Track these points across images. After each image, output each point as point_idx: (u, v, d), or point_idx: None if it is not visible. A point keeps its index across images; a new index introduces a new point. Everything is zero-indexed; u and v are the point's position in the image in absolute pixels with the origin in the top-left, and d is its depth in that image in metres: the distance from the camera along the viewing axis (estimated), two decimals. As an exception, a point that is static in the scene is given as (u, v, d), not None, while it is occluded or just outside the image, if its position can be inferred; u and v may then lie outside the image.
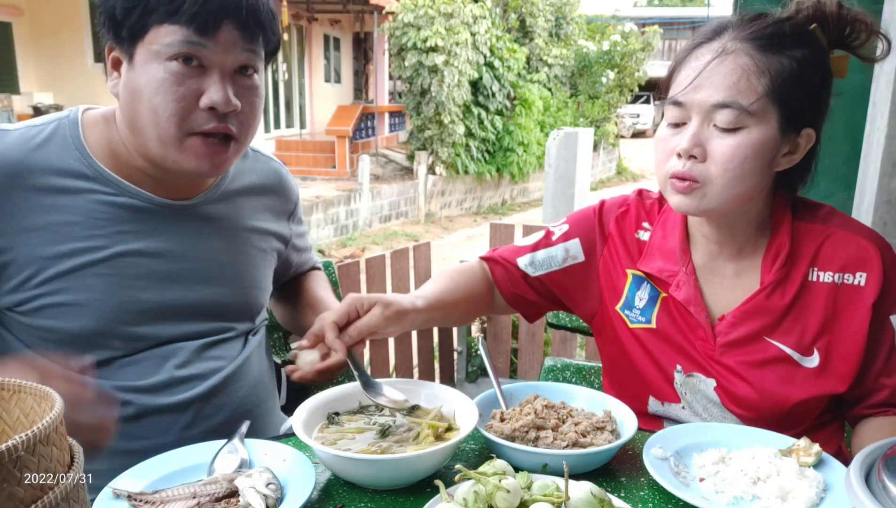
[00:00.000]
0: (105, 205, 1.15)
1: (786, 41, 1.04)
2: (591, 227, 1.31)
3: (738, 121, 1.03)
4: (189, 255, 1.22)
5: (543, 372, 1.76)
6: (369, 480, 0.98)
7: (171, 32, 1.05)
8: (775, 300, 1.13)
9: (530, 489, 0.86)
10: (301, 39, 15.02)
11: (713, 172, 1.05)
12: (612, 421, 1.08)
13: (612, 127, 16.97)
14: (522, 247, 1.35)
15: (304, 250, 1.55)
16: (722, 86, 1.03)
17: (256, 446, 1.03)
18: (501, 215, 13.26)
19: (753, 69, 1.02)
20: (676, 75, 1.10)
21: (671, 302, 1.21)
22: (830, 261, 1.12)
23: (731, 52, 1.03)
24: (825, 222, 1.15)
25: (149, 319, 1.18)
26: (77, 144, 1.16)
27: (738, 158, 1.04)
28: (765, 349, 1.14)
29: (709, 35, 1.08)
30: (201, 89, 1.08)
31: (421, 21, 11.76)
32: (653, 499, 0.97)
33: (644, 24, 21.30)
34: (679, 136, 1.07)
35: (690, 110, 1.06)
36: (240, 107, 1.12)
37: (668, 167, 1.09)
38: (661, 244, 1.24)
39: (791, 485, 0.94)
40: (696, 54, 1.07)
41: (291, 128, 15.01)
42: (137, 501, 0.89)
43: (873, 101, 1.97)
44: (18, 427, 0.76)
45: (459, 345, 3.92)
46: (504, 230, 3.79)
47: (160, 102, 1.07)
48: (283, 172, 1.44)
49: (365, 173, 11.14)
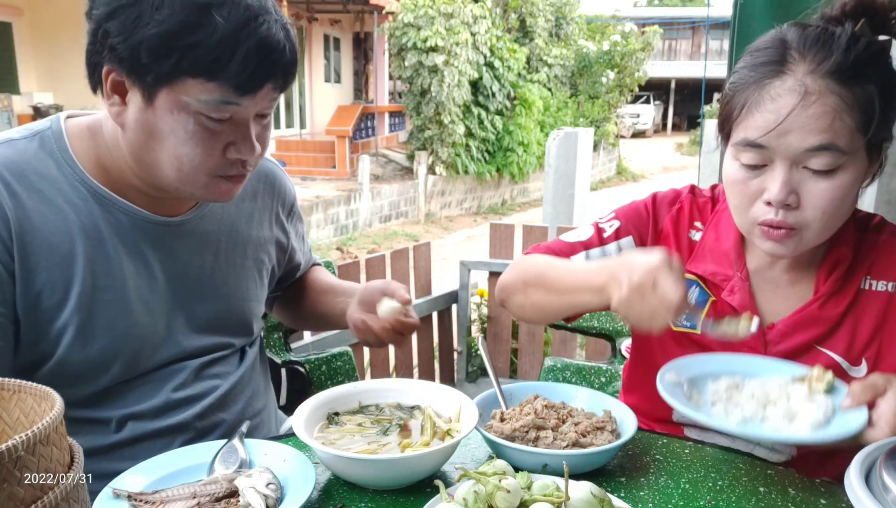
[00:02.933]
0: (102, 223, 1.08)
1: (868, 68, 0.97)
2: (644, 223, 1.25)
3: (835, 163, 0.97)
4: (186, 273, 1.18)
5: (543, 372, 1.76)
6: (369, 480, 0.98)
7: (208, 90, 0.98)
8: (829, 310, 1.11)
9: (530, 489, 0.86)
10: (301, 39, 15.01)
11: (810, 217, 1.00)
12: (612, 421, 1.08)
13: (612, 127, 16.98)
14: (574, 244, 1.25)
15: (306, 250, 1.53)
16: (815, 129, 0.96)
17: (256, 446, 1.03)
18: (501, 215, 13.27)
19: (844, 108, 0.96)
20: (747, 113, 1.01)
21: (721, 307, 1.17)
22: (885, 270, 1.10)
23: (816, 94, 0.96)
24: (879, 232, 1.13)
25: (150, 342, 1.14)
26: (66, 157, 1.08)
27: (837, 200, 0.99)
28: (815, 359, 1.11)
29: (775, 66, 0.99)
30: (229, 140, 1.05)
31: (421, 21, 11.76)
32: (653, 499, 0.97)
33: (644, 24, 21.30)
34: (760, 179, 1.02)
35: (774, 154, 0.99)
36: (259, 150, 1.09)
37: (754, 214, 1.04)
38: (713, 246, 1.19)
39: (799, 407, 0.96)
40: (771, 93, 0.98)
41: (291, 128, 15.01)
42: (137, 501, 0.89)
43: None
44: (18, 427, 0.76)
45: (459, 345, 3.92)
46: (504, 230, 3.79)
47: (187, 153, 1.03)
48: (277, 170, 1.40)
49: (365, 173, 11.14)
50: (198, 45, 0.95)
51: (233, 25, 0.95)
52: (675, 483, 1.01)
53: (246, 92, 1.00)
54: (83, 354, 1.07)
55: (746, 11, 1.84)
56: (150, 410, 1.15)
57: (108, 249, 1.09)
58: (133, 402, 1.14)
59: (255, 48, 0.97)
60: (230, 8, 0.95)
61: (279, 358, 1.71)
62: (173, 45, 0.94)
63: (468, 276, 3.81)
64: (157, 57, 0.95)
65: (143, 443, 1.13)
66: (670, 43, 28.36)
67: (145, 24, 0.94)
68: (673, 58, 31.85)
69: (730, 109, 1.05)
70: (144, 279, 1.13)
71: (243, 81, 0.99)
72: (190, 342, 1.19)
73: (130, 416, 1.13)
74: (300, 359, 1.73)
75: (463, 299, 3.84)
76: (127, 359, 1.12)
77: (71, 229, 1.06)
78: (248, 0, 0.97)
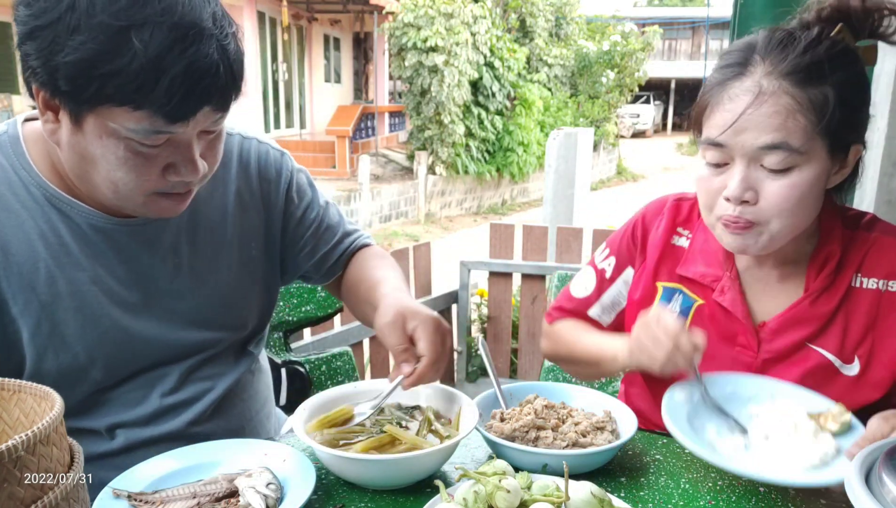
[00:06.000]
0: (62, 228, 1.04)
1: (824, 70, 0.99)
2: (632, 248, 1.30)
3: (789, 161, 0.99)
4: (157, 272, 1.12)
5: (543, 372, 1.76)
6: (369, 480, 0.98)
7: (135, 118, 0.89)
8: (820, 307, 1.11)
9: (530, 489, 0.86)
10: (301, 39, 15.02)
11: (768, 213, 1.02)
12: (612, 421, 1.08)
13: (612, 127, 16.97)
14: (585, 299, 1.33)
15: (333, 227, 1.34)
16: (767, 127, 0.98)
17: (256, 446, 1.03)
18: (501, 215, 13.26)
19: (797, 108, 0.98)
20: (710, 113, 1.04)
21: (706, 311, 1.19)
22: (875, 268, 1.10)
23: (771, 93, 0.98)
24: (869, 230, 1.13)
25: (128, 346, 1.09)
26: (23, 162, 1.04)
27: (793, 198, 1.01)
28: (807, 357, 1.12)
29: (738, 67, 1.02)
30: (168, 162, 0.96)
31: (421, 21, 11.76)
32: (653, 499, 0.97)
33: (644, 24, 21.32)
34: (723, 177, 1.04)
35: (733, 152, 1.02)
36: (206, 167, 1.01)
37: (717, 211, 1.06)
38: (703, 248, 1.21)
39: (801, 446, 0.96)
40: (730, 93, 1.01)
41: (291, 128, 15.01)
42: (137, 501, 0.89)
43: (873, 101, 1.97)
44: (18, 427, 0.76)
45: (459, 345, 3.92)
46: (504, 230, 3.79)
47: (121, 177, 0.95)
48: (262, 148, 1.26)
49: (365, 173, 11.13)
50: (117, 74, 0.85)
51: (156, 50, 0.85)
52: (675, 483, 1.01)
53: (177, 120, 0.91)
54: (56, 363, 1.04)
55: (746, 11, 1.84)
56: (140, 418, 1.11)
57: (70, 254, 1.04)
58: (121, 409, 1.11)
59: (183, 74, 0.87)
60: (152, 30, 0.85)
61: (279, 358, 1.71)
62: (91, 73, 0.86)
63: (468, 276, 3.81)
64: (76, 85, 0.87)
65: (137, 452, 1.09)
66: (670, 43, 28.36)
67: (60, 49, 0.85)
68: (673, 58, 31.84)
69: (699, 108, 1.08)
70: (113, 283, 1.08)
71: (172, 110, 0.89)
72: (172, 342, 1.14)
73: (119, 424, 1.10)
74: (300, 359, 1.73)
75: (463, 299, 3.84)
76: (106, 364, 1.08)
77: (30, 235, 1.02)
78: (177, 19, 0.87)
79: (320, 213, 1.32)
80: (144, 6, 0.86)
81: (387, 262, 1.32)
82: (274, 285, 1.32)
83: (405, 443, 1.02)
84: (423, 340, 1.03)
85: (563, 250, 3.67)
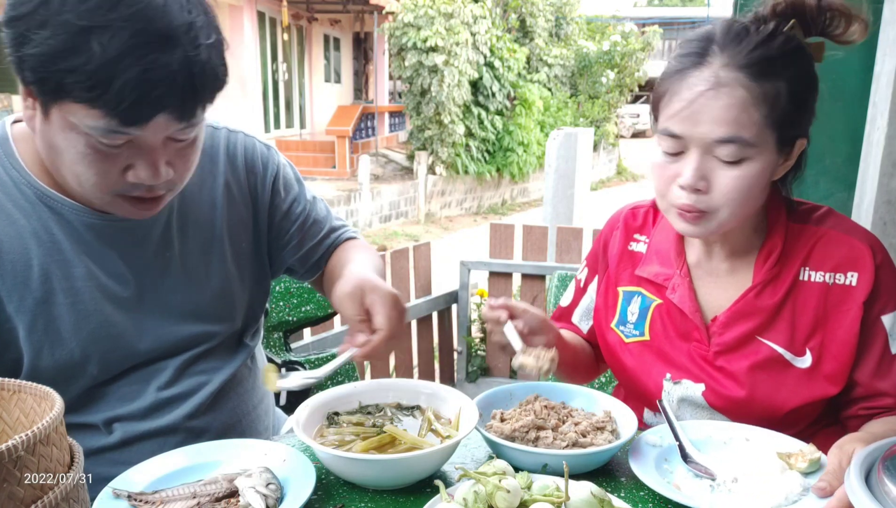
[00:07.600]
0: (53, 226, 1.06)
1: (778, 64, 1.02)
2: (597, 260, 1.36)
3: (741, 153, 1.03)
4: (149, 265, 1.13)
5: (543, 372, 1.76)
6: (369, 480, 0.98)
7: (92, 116, 0.91)
8: (765, 299, 1.14)
9: (530, 489, 0.86)
10: (301, 39, 15.02)
11: (718, 201, 1.06)
12: (612, 421, 1.09)
13: (612, 127, 16.97)
14: (568, 307, 1.42)
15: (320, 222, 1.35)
16: (722, 120, 1.01)
17: (256, 446, 1.03)
18: (501, 215, 13.26)
19: (751, 101, 1.01)
20: (668, 101, 1.07)
21: (663, 309, 1.22)
22: (822, 261, 1.12)
23: (726, 85, 1.01)
24: (819, 224, 1.15)
25: (124, 340, 1.11)
26: (13, 161, 1.06)
27: (743, 188, 1.05)
28: (757, 350, 1.14)
29: (695, 57, 1.05)
30: (128, 162, 0.97)
31: (421, 21, 11.76)
32: (653, 499, 0.97)
33: (644, 24, 21.30)
34: (678, 165, 1.07)
35: (689, 142, 1.05)
36: (172, 174, 1.01)
37: (671, 198, 1.10)
38: (658, 249, 1.25)
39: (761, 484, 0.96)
40: (688, 83, 1.04)
41: (291, 128, 15.00)
42: (137, 501, 0.89)
43: (873, 101, 1.97)
44: (18, 427, 0.76)
45: (459, 345, 3.93)
46: (504, 230, 3.79)
47: (82, 172, 0.97)
48: (248, 141, 1.27)
49: (365, 173, 11.14)
50: (73, 71, 0.88)
51: (113, 54, 0.87)
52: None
53: (131, 123, 0.92)
54: (53, 359, 1.06)
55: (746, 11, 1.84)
56: (137, 411, 1.13)
57: (62, 251, 1.06)
58: (118, 404, 1.12)
59: (135, 79, 0.88)
60: (113, 34, 0.87)
61: (279, 358, 1.71)
62: (50, 68, 0.89)
63: (468, 276, 3.81)
64: (38, 77, 0.91)
65: (134, 446, 1.11)
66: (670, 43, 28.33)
67: (27, 41, 0.89)
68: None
69: (657, 95, 1.11)
70: (106, 278, 1.09)
71: (125, 113, 0.90)
72: (167, 336, 1.15)
73: (117, 418, 1.12)
74: (300, 359, 1.73)
75: (463, 299, 3.84)
76: (101, 359, 1.09)
77: (22, 234, 1.04)
78: (142, 25, 0.88)
79: (307, 207, 1.33)
80: (112, 10, 0.88)
81: (366, 252, 1.33)
82: (264, 278, 1.33)
83: (405, 443, 1.02)
84: (380, 314, 1.03)
85: (563, 251, 3.67)
